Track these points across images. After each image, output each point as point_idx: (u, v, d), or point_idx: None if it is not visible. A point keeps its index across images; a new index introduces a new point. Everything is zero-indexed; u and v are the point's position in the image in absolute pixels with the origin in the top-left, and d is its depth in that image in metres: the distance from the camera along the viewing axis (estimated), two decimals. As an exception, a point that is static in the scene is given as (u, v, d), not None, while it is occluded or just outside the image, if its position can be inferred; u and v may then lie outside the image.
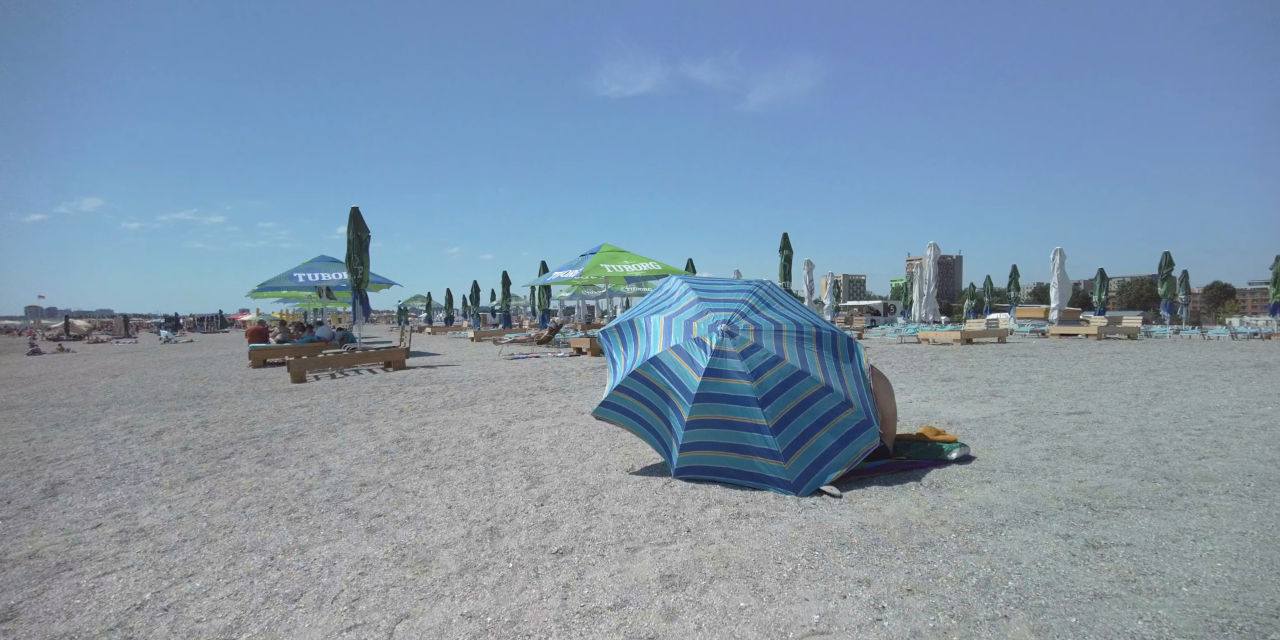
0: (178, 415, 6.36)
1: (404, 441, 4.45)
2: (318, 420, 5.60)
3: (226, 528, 2.70)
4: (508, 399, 6.40)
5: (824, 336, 3.08)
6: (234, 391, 8.13)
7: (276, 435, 4.99)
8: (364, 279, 10.77)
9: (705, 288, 3.26)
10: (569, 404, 5.90)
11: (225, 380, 9.63)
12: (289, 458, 4.10)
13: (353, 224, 10.66)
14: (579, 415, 5.27)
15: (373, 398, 6.90)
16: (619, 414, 3.22)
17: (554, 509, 2.79)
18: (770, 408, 2.77)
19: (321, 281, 12.74)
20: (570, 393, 6.71)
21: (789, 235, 14.11)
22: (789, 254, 14.06)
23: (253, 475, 3.65)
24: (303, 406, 6.49)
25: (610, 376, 3.27)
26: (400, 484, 3.28)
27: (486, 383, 7.90)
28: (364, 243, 10.78)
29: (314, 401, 6.80)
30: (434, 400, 6.53)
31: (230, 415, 6.17)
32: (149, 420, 6.15)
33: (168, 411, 6.67)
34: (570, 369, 9.40)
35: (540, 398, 6.41)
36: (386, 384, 8.12)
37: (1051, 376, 7.51)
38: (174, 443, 4.91)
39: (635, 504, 2.81)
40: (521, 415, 5.37)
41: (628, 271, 11.98)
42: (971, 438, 4.01)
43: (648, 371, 3.00)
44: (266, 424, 5.54)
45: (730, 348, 2.87)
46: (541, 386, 7.29)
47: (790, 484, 2.79)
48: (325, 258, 13.84)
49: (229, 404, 7.01)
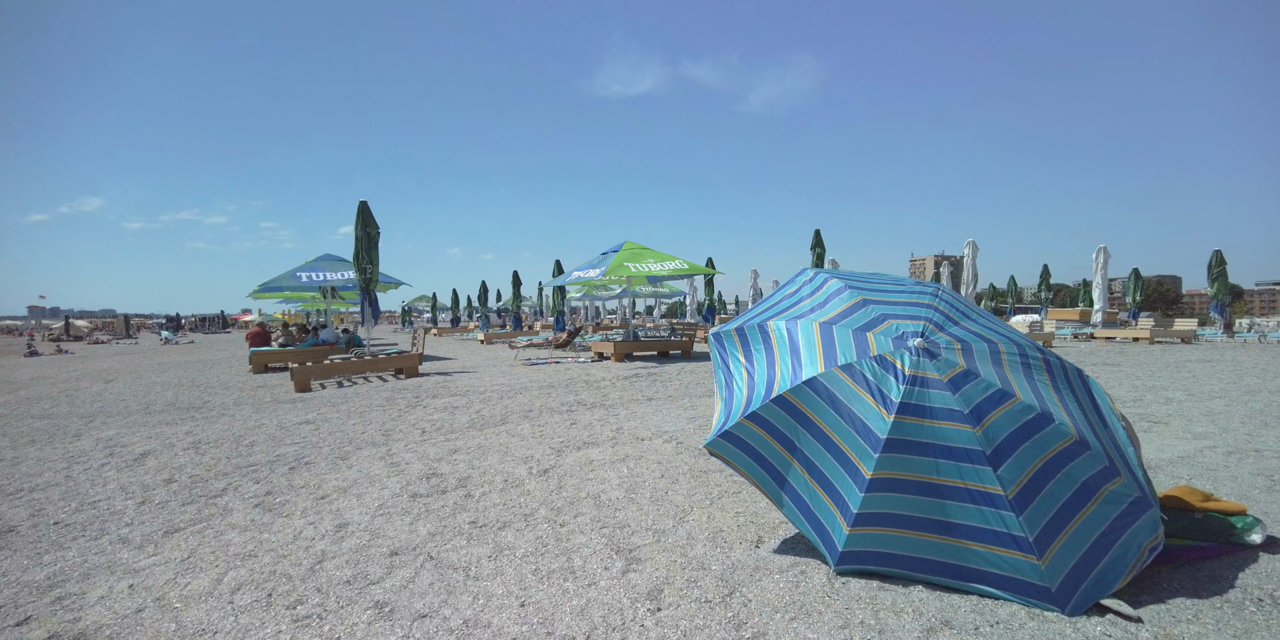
0: (168, 432, 5.58)
1: (435, 478, 3.63)
2: (326, 442, 4.80)
3: (203, 634, 1.89)
4: (544, 417, 5.59)
5: (1053, 364, 2.22)
6: (232, 402, 7.35)
7: (279, 463, 4.19)
8: (373, 278, 9.98)
9: (866, 284, 2.42)
10: (620, 426, 5.09)
11: (223, 388, 8.86)
12: (294, 500, 3.29)
13: (361, 219, 9.88)
14: (639, 443, 4.45)
15: (388, 413, 6.10)
16: (742, 454, 2.25)
17: (679, 620, 1.90)
18: (1007, 467, 1.88)
19: (326, 281, 11.96)
20: (614, 409, 5.90)
21: (820, 232, 13.27)
22: (821, 252, 13.20)
23: (248, 529, 2.84)
24: (308, 423, 5.69)
25: (725, 397, 2.39)
26: (443, 554, 2.46)
27: (513, 394, 7.09)
28: (373, 239, 9.99)
29: (321, 416, 6.01)
30: (459, 417, 5.72)
31: (226, 433, 5.38)
32: (134, 438, 5.38)
33: (157, 426, 5.90)
34: (601, 378, 8.58)
35: (582, 416, 5.59)
36: (401, 395, 7.32)
37: (1190, 394, 6.46)
38: (158, 471, 4.13)
39: (806, 618, 1.88)
40: (571, 441, 4.56)
41: (653, 270, 11.16)
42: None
43: (801, 399, 2.11)
44: (267, 446, 4.75)
45: (933, 373, 2.01)
46: (578, 401, 6.47)
47: (1049, 593, 1.87)
48: (330, 256, 13.07)
49: (226, 418, 6.23)
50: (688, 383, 7.78)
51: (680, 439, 4.57)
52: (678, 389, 7.20)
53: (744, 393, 2.28)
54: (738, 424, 2.20)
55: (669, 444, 4.40)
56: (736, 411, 2.26)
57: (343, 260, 12.80)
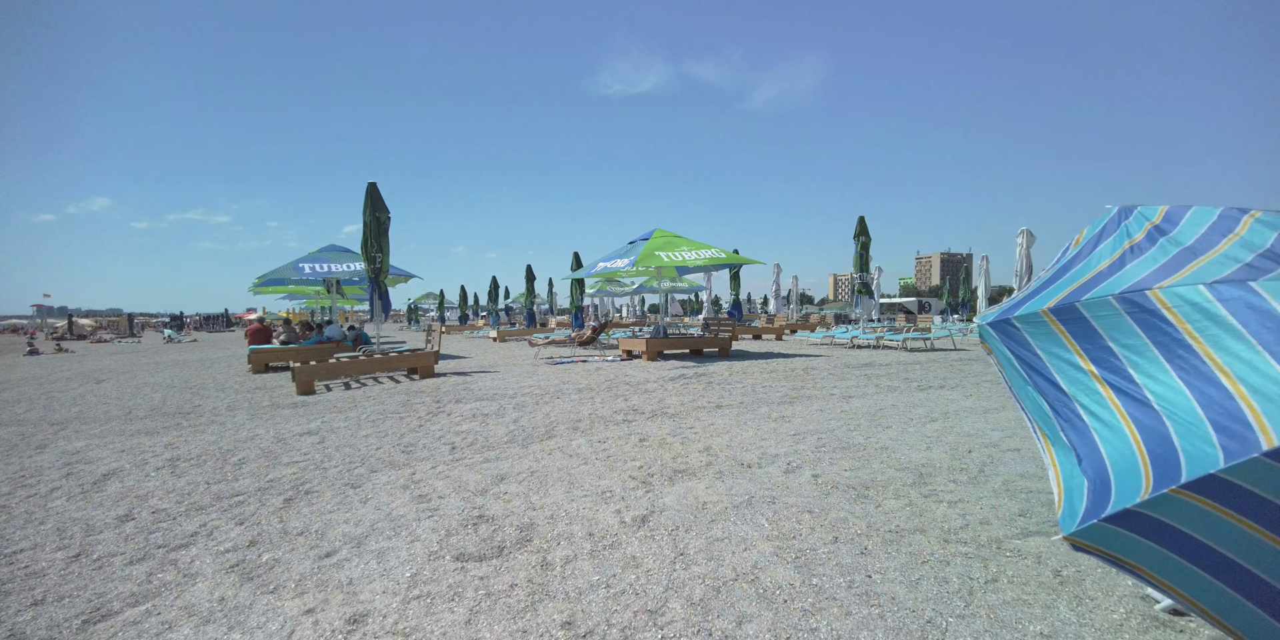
0: (145, 444, 4.66)
1: (484, 524, 2.63)
2: (333, 461, 3.83)
3: None
4: (599, 429, 4.58)
5: None
6: (225, 406, 6.41)
7: (271, 492, 3.23)
8: (383, 269, 9.01)
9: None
10: (707, 444, 4.00)
11: (219, 389, 7.93)
12: (287, 559, 2.32)
13: (370, 203, 8.90)
14: (749, 471, 3.35)
15: (405, 421, 5.13)
16: (1157, 550, 1.22)
17: None
18: None
19: (331, 273, 11.00)
20: (681, 419, 4.87)
21: (865, 219, 12.19)
22: (866, 241, 12.12)
23: (211, 620, 1.86)
24: (311, 434, 4.74)
25: (1071, 441, 1.40)
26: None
27: (549, 399, 6.10)
28: (383, 226, 9.01)
29: (326, 425, 5.06)
30: (494, 428, 4.73)
31: (213, 447, 4.44)
32: (104, 451, 4.47)
33: (135, 436, 4.98)
34: (643, 380, 7.58)
35: (646, 428, 4.57)
36: (418, 399, 6.36)
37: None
38: (116, 501, 3.19)
39: None
40: (654, 467, 3.48)
41: (686, 260, 10.13)
42: None
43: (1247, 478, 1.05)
44: (260, 465, 3.79)
45: None
46: (632, 408, 5.45)
47: None
48: (335, 247, 12.13)
49: (215, 426, 5.29)
50: (751, 386, 6.74)
51: (806, 467, 3.44)
52: (744, 394, 6.18)
53: (1132, 440, 1.23)
54: (1152, 500, 1.14)
55: (795, 475, 3.30)
56: (1129, 477, 1.22)
57: (348, 251, 11.86)
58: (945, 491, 3.00)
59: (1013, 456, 3.65)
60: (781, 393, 6.20)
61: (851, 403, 5.56)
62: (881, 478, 3.22)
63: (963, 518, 2.64)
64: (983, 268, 18.45)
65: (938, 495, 2.94)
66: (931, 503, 2.84)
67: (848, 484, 3.12)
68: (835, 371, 8.03)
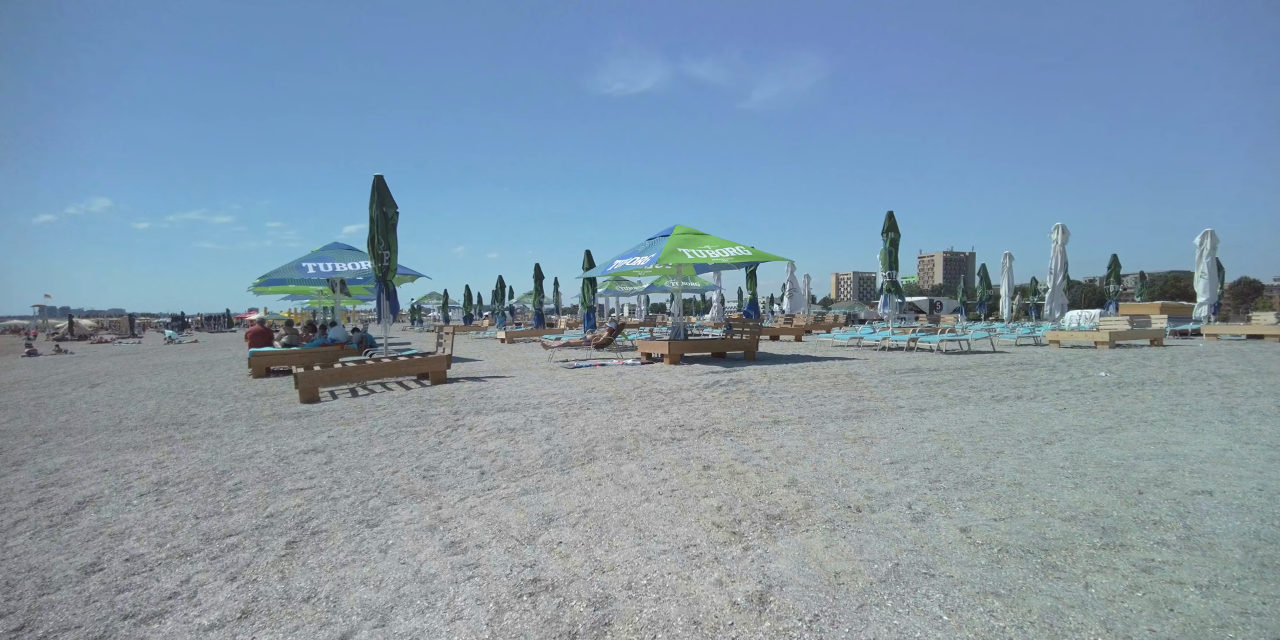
0: (132, 462, 4.18)
1: (545, 596, 2.04)
2: (344, 488, 3.30)
3: None
4: (648, 450, 3.99)
5: None
6: (223, 416, 5.90)
7: (271, 531, 2.70)
8: (391, 267, 8.48)
9: None
10: (790, 476, 3.28)
11: (216, 396, 7.42)
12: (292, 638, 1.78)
13: (376, 197, 8.37)
14: (862, 518, 2.61)
15: (422, 436, 4.60)
16: None
17: None
18: None
19: (335, 272, 10.48)
20: (739, 438, 4.27)
21: (894, 214, 11.59)
22: (895, 236, 11.53)
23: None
24: (317, 452, 4.21)
25: None
26: None
27: (578, 410, 5.55)
28: (391, 221, 8.48)
29: (334, 441, 4.53)
30: (525, 447, 4.18)
31: (206, 466, 3.93)
32: (86, 470, 4.00)
33: (122, 452, 4.50)
34: (676, 387, 7.03)
35: (703, 450, 3.97)
36: (434, 409, 5.82)
37: None
38: (86, 540, 2.68)
39: None
40: (735, 508, 2.77)
41: (711, 257, 9.57)
42: None
43: None
44: (258, 492, 3.26)
45: None
46: (677, 423, 4.84)
47: None
48: (339, 245, 11.61)
49: (211, 440, 4.78)
50: (800, 396, 6.07)
51: (936, 513, 2.66)
52: (797, 406, 5.53)
53: None
54: None
55: (931, 527, 2.50)
56: None
57: (353, 249, 11.34)
58: (1167, 562, 2.15)
59: (1209, 502, 2.75)
60: (841, 405, 5.54)
61: (928, 417, 4.92)
62: (1051, 533, 2.42)
63: (1241, 617, 1.76)
64: (1005, 266, 17.89)
65: (1160, 568, 2.10)
66: (1164, 583, 1.99)
67: (1015, 544, 2.30)
68: (885, 378, 7.42)
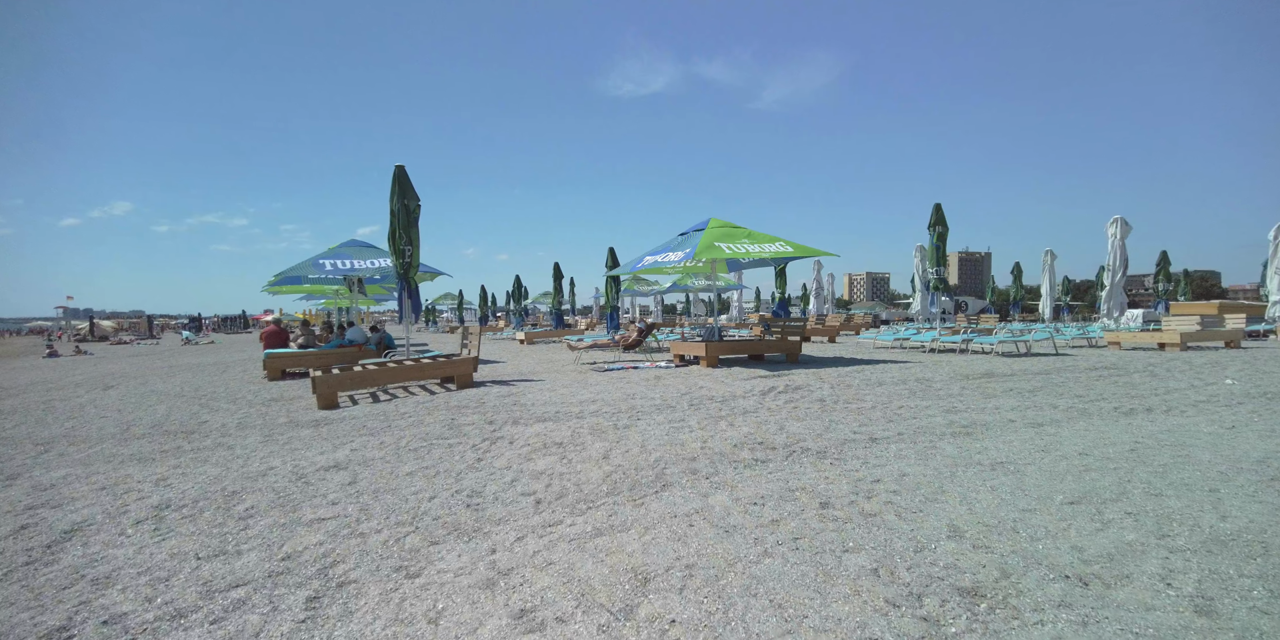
0: (133, 477, 3.72)
1: None
2: (373, 520, 2.73)
3: None
4: (730, 474, 3.35)
5: None
6: (235, 424, 5.41)
7: (286, 583, 2.14)
8: (413, 263, 7.96)
9: None
10: (951, 522, 2.43)
11: (230, 400, 6.96)
12: None
13: (397, 189, 7.84)
14: (1090, 594, 1.79)
15: (458, 451, 4.04)
16: None
17: None
18: None
19: (353, 270, 9.98)
20: (837, 461, 3.56)
21: (941, 206, 10.85)
22: (943, 231, 10.80)
23: None
24: (339, 468, 3.67)
25: None
26: None
27: (628, 419, 4.96)
28: (413, 215, 7.95)
29: (358, 455, 3.99)
30: (581, 466, 3.58)
31: (214, 485, 3.42)
32: (81, 488, 3.55)
33: (125, 465, 4.05)
34: (725, 393, 6.41)
35: (802, 476, 3.28)
36: (465, 417, 5.27)
37: None
38: (62, 587, 2.16)
39: None
40: (905, 575, 1.97)
41: (750, 252, 8.92)
42: None
43: None
44: (272, 521, 2.72)
45: None
46: (750, 438, 4.20)
47: None
48: (356, 242, 11.14)
49: (222, 451, 4.29)
50: (879, 405, 5.31)
51: (1224, 599, 1.78)
52: (884, 417, 4.76)
53: None
54: None
55: (1225, 621, 1.65)
56: None
57: (371, 246, 10.86)
58: None
59: None
60: (938, 418, 4.70)
61: (1054, 435, 4.03)
62: None
63: None
64: (1047, 264, 17.03)
65: None
66: None
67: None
68: (963, 384, 6.63)
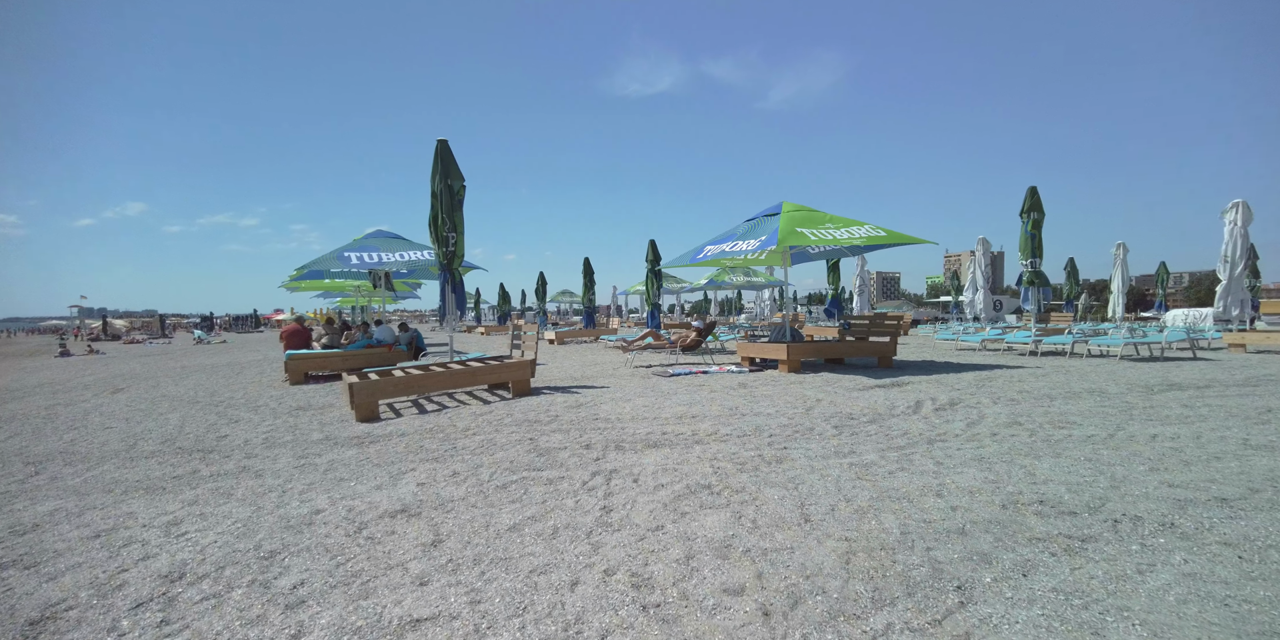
0: (138, 516, 2.80)
1: None
2: (496, 621, 1.68)
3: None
4: (1047, 561, 2.25)
5: None
6: (261, 439, 4.44)
7: None
8: (458, 253, 6.94)
9: None
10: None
11: (251, 408, 6.00)
12: None
13: (440, 168, 6.80)
14: None
15: (566, 492, 2.99)
16: None
17: None
18: None
19: (382, 263, 8.93)
20: (1209, 544, 2.43)
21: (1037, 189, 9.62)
22: (1038, 217, 9.58)
23: None
24: (409, 515, 2.65)
25: None
26: None
27: (769, 448, 3.90)
28: (457, 197, 6.93)
29: (428, 493, 2.96)
30: (782, 538, 2.51)
31: (245, 538, 2.41)
32: (70, 535, 2.60)
33: (128, 496, 3.11)
34: (857, 409, 5.32)
35: (1171, 567, 2.22)
36: (544, 436, 4.23)
37: None
38: None
39: None
40: None
41: (839, 239, 7.73)
42: None
43: None
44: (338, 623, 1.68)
45: None
46: (1013, 494, 2.89)
47: None
48: (383, 233, 10.15)
49: (249, 479, 3.31)
50: (1111, 433, 3.90)
51: None
52: (1156, 451, 3.41)
53: None
54: None
55: None
56: None
57: (399, 238, 9.87)
58: None
59: None
60: (1260, 460, 3.22)
61: None
62: None
63: None
64: (1119, 257, 15.78)
65: None
66: None
67: None
68: (1168, 398, 5.27)
